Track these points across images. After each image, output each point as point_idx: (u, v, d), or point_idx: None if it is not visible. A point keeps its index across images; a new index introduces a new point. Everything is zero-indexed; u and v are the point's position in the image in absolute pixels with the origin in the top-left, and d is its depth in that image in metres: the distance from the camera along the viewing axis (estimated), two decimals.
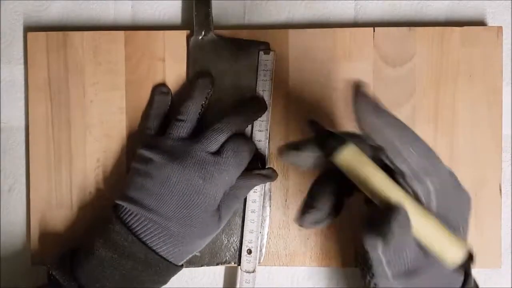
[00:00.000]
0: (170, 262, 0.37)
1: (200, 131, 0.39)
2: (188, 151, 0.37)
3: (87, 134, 0.43)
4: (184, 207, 0.37)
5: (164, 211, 0.36)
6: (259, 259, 0.42)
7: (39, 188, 0.43)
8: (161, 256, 0.37)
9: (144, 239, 0.36)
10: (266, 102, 0.42)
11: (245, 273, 0.42)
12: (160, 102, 0.42)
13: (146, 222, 0.36)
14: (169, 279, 0.39)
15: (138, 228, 0.37)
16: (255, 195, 0.42)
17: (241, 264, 0.42)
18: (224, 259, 0.43)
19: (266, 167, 0.42)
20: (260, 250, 0.42)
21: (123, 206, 0.37)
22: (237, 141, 0.38)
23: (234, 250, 0.43)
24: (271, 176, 0.41)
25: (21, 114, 0.45)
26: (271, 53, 0.42)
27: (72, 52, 0.43)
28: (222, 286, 0.45)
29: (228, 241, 0.43)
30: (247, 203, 0.42)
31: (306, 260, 0.43)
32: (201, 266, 0.43)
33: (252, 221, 0.42)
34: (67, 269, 0.37)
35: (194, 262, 0.43)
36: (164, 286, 0.45)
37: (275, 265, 0.43)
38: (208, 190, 0.37)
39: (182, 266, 0.39)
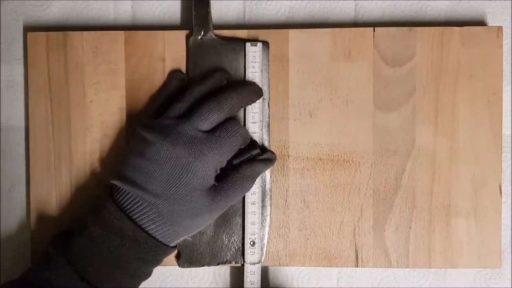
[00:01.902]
0: (159, 241, 0.37)
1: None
2: (179, 128, 0.37)
3: (87, 134, 0.43)
4: (172, 185, 0.37)
5: (153, 188, 0.36)
6: (259, 258, 0.42)
7: (39, 188, 0.43)
8: (149, 235, 0.37)
9: (134, 217, 0.37)
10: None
11: (249, 265, 0.42)
12: (174, 86, 0.42)
13: (136, 200, 0.37)
14: (160, 259, 0.39)
15: (129, 206, 0.37)
16: (254, 186, 0.42)
17: (245, 256, 0.42)
18: (225, 259, 0.43)
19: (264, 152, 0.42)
20: (261, 250, 0.42)
21: (116, 185, 0.38)
22: (232, 123, 0.39)
23: (235, 249, 0.43)
24: (272, 158, 0.42)
25: (21, 114, 0.45)
26: (259, 44, 0.42)
27: (72, 52, 0.43)
28: (222, 286, 0.45)
29: (229, 240, 0.43)
30: (246, 196, 0.42)
31: (306, 260, 0.43)
32: (202, 266, 0.43)
33: (253, 213, 0.42)
34: (59, 245, 0.37)
35: (194, 262, 0.43)
36: (164, 286, 0.45)
37: (275, 265, 0.43)
38: (197, 168, 0.37)
39: (173, 247, 0.39)
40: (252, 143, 0.41)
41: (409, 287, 0.44)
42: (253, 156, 0.41)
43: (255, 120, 0.42)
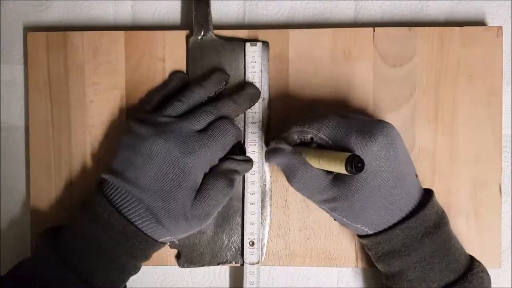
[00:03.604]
0: (149, 236, 0.37)
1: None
2: (174, 127, 0.38)
3: (87, 134, 0.43)
4: (159, 180, 0.37)
5: (141, 183, 0.37)
6: (259, 258, 0.42)
7: (39, 188, 0.43)
8: (138, 229, 0.37)
9: (123, 211, 0.37)
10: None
11: (249, 265, 0.42)
12: (174, 85, 0.42)
13: (126, 195, 0.37)
14: (149, 254, 0.39)
15: (118, 200, 0.37)
16: (254, 186, 0.42)
17: (244, 256, 0.42)
18: (225, 259, 0.43)
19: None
20: (261, 250, 0.42)
21: (106, 180, 0.38)
22: (225, 122, 0.39)
23: (235, 249, 0.43)
24: (249, 160, 0.41)
25: (21, 114, 0.45)
26: (258, 44, 0.42)
27: (72, 52, 0.43)
28: (222, 286, 0.45)
29: (229, 240, 0.43)
30: (245, 196, 0.42)
31: (306, 260, 0.43)
32: (202, 266, 0.43)
33: (253, 213, 0.42)
34: (48, 241, 0.38)
35: (194, 262, 0.43)
36: (164, 286, 0.45)
37: (275, 265, 0.43)
38: (186, 165, 0.37)
39: (163, 243, 0.39)
40: (239, 145, 0.41)
41: None
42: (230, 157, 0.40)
43: (254, 120, 0.42)
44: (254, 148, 0.42)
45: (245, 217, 0.42)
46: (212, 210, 0.38)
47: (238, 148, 0.41)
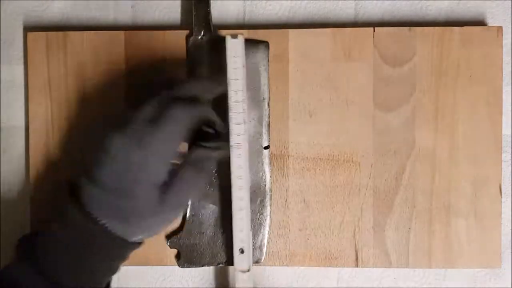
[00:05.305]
0: (117, 235, 0.35)
1: None
2: (129, 119, 0.36)
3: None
4: (120, 178, 0.35)
5: (104, 181, 0.35)
6: (259, 258, 0.42)
7: (39, 188, 0.43)
8: (105, 228, 0.35)
9: (90, 212, 0.35)
10: (241, 92, 0.39)
11: (240, 273, 0.41)
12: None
13: (91, 195, 0.35)
14: (124, 254, 0.37)
15: (85, 201, 0.35)
16: (241, 192, 0.40)
17: (235, 263, 0.41)
18: (225, 259, 0.43)
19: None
20: (261, 250, 0.42)
21: (73, 178, 0.37)
22: (177, 105, 0.36)
23: None
24: (219, 148, 0.39)
25: (21, 114, 0.45)
26: (240, 36, 0.39)
27: (72, 52, 0.43)
28: (222, 286, 0.45)
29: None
30: (233, 201, 0.40)
31: (306, 260, 0.43)
32: (202, 266, 0.43)
33: (241, 219, 0.40)
34: (27, 247, 0.37)
35: (194, 262, 0.43)
36: (164, 286, 0.45)
37: (275, 265, 0.43)
38: (143, 160, 0.35)
39: (138, 243, 0.37)
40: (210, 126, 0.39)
41: (409, 287, 0.44)
42: (217, 134, 0.38)
43: (239, 120, 0.39)
44: (240, 128, 0.39)
45: (233, 223, 0.40)
46: (183, 203, 0.37)
47: (211, 129, 0.39)
